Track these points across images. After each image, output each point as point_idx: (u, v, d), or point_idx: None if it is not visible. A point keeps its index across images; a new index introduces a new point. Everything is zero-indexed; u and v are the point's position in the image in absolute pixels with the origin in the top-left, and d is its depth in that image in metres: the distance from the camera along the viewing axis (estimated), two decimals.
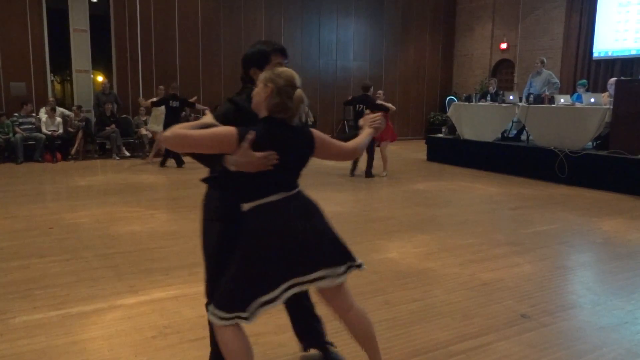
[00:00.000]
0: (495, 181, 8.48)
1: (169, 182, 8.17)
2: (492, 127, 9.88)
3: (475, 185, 8.08)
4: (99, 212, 5.94)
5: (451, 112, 10.88)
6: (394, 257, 4.41)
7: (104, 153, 11.19)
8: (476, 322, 3.13)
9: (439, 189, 7.77)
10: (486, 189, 7.81)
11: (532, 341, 2.89)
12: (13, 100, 10.71)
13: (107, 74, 13.31)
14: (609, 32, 12.37)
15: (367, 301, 3.41)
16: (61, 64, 13.99)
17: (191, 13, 12.57)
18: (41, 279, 3.77)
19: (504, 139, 9.97)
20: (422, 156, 11.30)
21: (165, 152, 9.66)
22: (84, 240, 4.80)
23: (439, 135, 11.59)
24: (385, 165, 8.92)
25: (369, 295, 3.53)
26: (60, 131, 10.53)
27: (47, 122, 10.46)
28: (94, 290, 3.57)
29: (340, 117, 14.65)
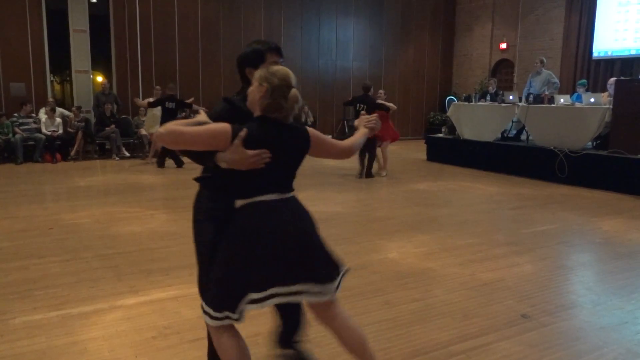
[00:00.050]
0: (495, 181, 8.48)
1: (168, 183, 8.17)
2: (491, 127, 9.88)
3: (475, 185, 8.08)
4: (99, 212, 5.94)
5: (451, 112, 10.89)
6: (394, 257, 4.41)
7: (103, 153, 11.20)
8: (476, 322, 3.13)
9: (438, 189, 7.77)
10: (486, 188, 7.82)
11: (532, 341, 2.89)
12: (13, 101, 10.71)
13: (106, 74, 13.30)
14: (608, 32, 12.38)
15: (367, 301, 3.42)
16: (61, 64, 13.99)
17: (191, 13, 12.57)
18: (41, 280, 3.77)
19: (504, 138, 9.98)
20: (421, 156, 11.30)
21: (162, 152, 9.64)
22: (84, 240, 4.80)
23: (438, 135, 11.60)
24: (385, 165, 8.92)
25: (369, 295, 3.53)
26: (60, 132, 10.53)
27: (47, 122, 10.45)
28: (94, 291, 3.57)
29: (340, 117, 14.66)
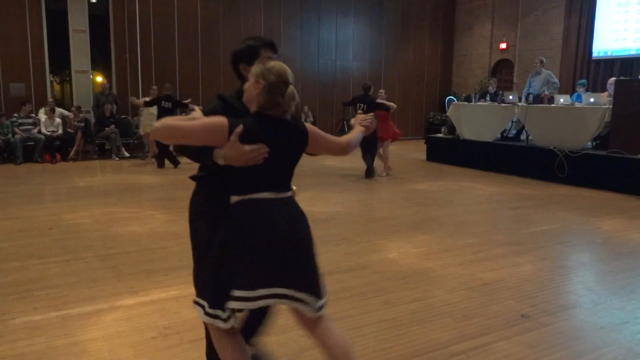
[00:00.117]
0: (495, 181, 8.48)
1: (168, 183, 8.16)
2: (491, 127, 9.88)
3: (475, 185, 8.08)
4: (99, 212, 5.93)
5: (451, 112, 10.89)
6: (394, 257, 4.41)
7: (103, 154, 11.19)
8: (476, 322, 3.13)
9: (438, 189, 7.77)
10: (486, 188, 7.82)
11: (532, 341, 2.89)
12: (12, 101, 10.71)
13: (106, 74, 13.30)
14: (608, 32, 12.39)
15: (367, 301, 3.42)
16: (60, 64, 13.98)
17: (190, 13, 12.57)
18: (41, 280, 3.77)
19: (504, 138, 9.98)
20: (421, 156, 11.30)
21: (161, 152, 9.62)
22: (83, 241, 4.79)
23: (438, 135, 11.60)
24: (386, 164, 8.90)
25: (369, 295, 3.53)
26: (60, 132, 10.52)
27: (47, 122, 10.45)
28: (94, 291, 3.56)
29: (339, 117, 14.66)
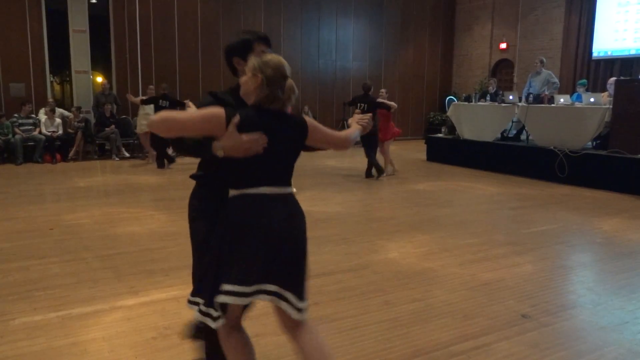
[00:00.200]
0: (495, 181, 8.48)
1: (168, 183, 8.17)
2: (491, 127, 9.88)
3: (475, 185, 8.08)
4: (99, 213, 5.93)
5: (451, 112, 10.88)
6: (394, 257, 4.41)
7: (103, 154, 11.19)
8: (477, 322, 3.13)
9: (438, 189, 7.77)
10: (486, 188, 7.82)
11: (532, 341, 2.88)
12: (12, 101, 10.71)
13: (106, 74, 13.30)
14: (608, 31, 12.39)
15: (367, 301, 3.42)
16: (60, 64, 13.98)
17: (190, 13, 12.57)
18: (41, 280, 3.76)
19: (504, 138, 9.98)
20: (421, 156, 11.30)
21: (159, 152, 9.60)
22: (83, 241, 4.79)
23: (438, 135, 11.60)
24: (386, 163, 8.89)
25: (370, 295, 3.53)
26: (60, 132, 10.52)
27: (47, 123, 10.45)
28: (94, 292, 3.56)
29: (339, 117, 14.65)
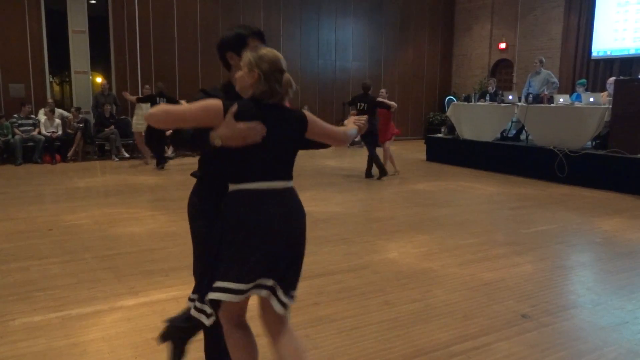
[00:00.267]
0: (495, 181, 8.48)
1: (168, 183, 8.16)
2: (491, 126, 9.88)
3: (475, 185, 8.08)
4: (99, 213, 5.93)
5: (450, 112, 10.89)
6: (394, 257, 4.41)
7: (103, 154, 11.19)
8: (477, 322, 3.13)
9: (438, 189, 7.77)
10: (486, 188, 7.82)
11: (532, 341, 2.88)
12: (12, 102, 10.70)
13: (106, 75, 13.28)
14: (607, 31, 12.39)
15: (367, 301, 3.42)
16: (60, 65, 13.94)
17: (190, 14, 12.56)
18: (41, 281, 3.76)
19: (503, 138, 9.98)
20: (421, 156, 11.30)
21: (158, 153, 9.56)
22: (83, 241, 4.79)
23: (438, 135, 11.61)
24: (386, 162, 8.87)
25: (370, 295, 3.53)
26: (59, 132, 10.52)
27: (46, 123, 10.45)
28: (93, 292, 3.56)
29: (339, 116, 14.64)
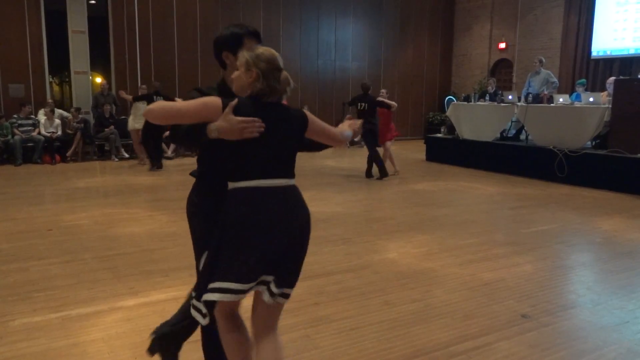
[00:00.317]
0: (495, 181, 8.48)
1: (168, 184, 8.16)
2: (491, 126, 9.88)
3: (475, 185, 8.08)
4: (98, 213, 5.93)
5: (450, 111, 10.89)
6: (394, 257, 4.41)
7: (102, 154, 11.18)
8: (477, 322, 3.13)
9: (438, 189, 7.77)
10: (485, 188, 7.82)
11: (532, 341, 2.88)
12: (12, 102, 10.69)
13: (105, 75, 13.28)
14: (607, 31, 12.39)
15: (367, 301, 3.42)
16: (60, 65, 13.94)
17: (190, 14, 12.56)
18: (40, 281, 3.76)
19: (503, 138, 9.98)
20: (421, 156, 11.30)
21: (152, 154, 9.54)
22: (83, 242, 4.79)
23: (438, 135, 11.61)
24: (392, 164, 8.89)
25: (370, 295, 3.53)
26: (59, 133, 10.52)
27: (46, 123, 10.45)
28: (93, 292, 3.56)
29: (339, 116, 14.63)
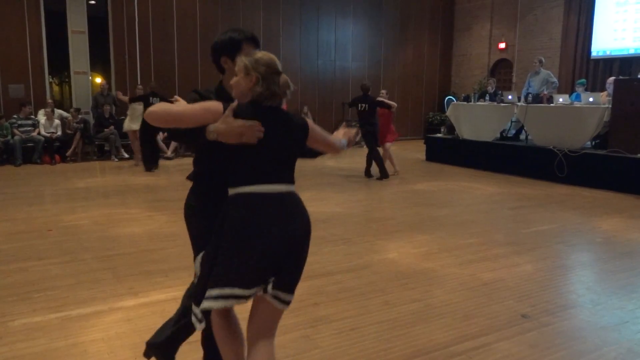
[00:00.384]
0: (494, 181, 8.48)
1: (167, 184, 8.16)
2: (491, 126, 9.88)
3: (475, 185, 8.08)
4: (98, 214, 5.93)
5: (450, 111, 10.89)
6: (394, 257, 4.41)
7: (102, 155, 11.18)
8: (476, 322, 3.12)
9: (438, 189, 7.77)
10: (485, 188, 7.82)
11: (532, 341, 2.88)
12: (11, 102, 10.69)
13: (105, 75, 13.29)
14: (607, 31, 12.39)
15: (367, 301, 3.42)
16: (59, 65, 13.96)
17: (189, 14, 12.56)
18: (40, 282, 3.76)
19: (503, 138, 9.98)
20: (421, 156, 11.30)
21: (148, 156, 9.51)
22: (83, 242, 4.79)
23: (437, 135, 11.61)
24: (392, 164, 8.89)
25: (369, 295, 3.53)
26: (59, 133, 10.52)
27: (46, 124, 10.45)
28: (93, 293, 3.56)
29: (339, 117, 14.64)
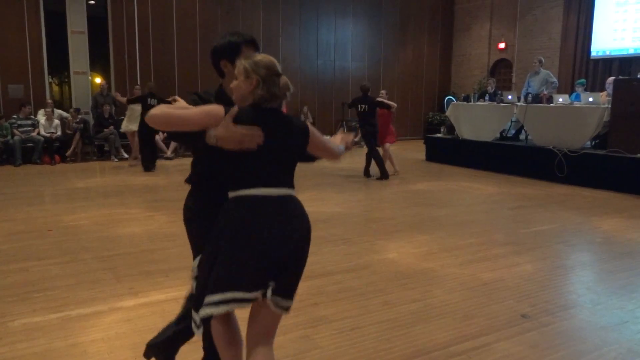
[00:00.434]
0: (494, 181, 8.48)
1: (167, 184, 8.16)
2: (490, 126, 9.88)
3: (474, 185, 8.08)
4: (98, 214, 5.93)
5: (450, 111, 10.89)
6: (394, 257, 4.41)
7: (102, 155, 11.18)
8: (476, 322, 3.13)
9: (438, 189, 7.77)
10: (485, 188, 7.82)
11: (532, 341, 2.88)
12: (11, 103, 10.69)
13: (105, 75, 13.29)
14: (606, 31, 12.39)
15: (367, 301, 3.42)
16: (59, 65, 13.98)
17: (189, 14, 12.56)
18: (40, 282, 3.76)
19: (503, 138, 9.98)
20: (420, 156, 11.30)
21: (151, 154, 9.48)
22: (83, 242, 4.79)
23: (437, 135, 11.61)
24: (392, 164, 8.89)
25: (369, 295, 3.53)
26: (59, 133, 10.52)
27: (45, 124, 10.44)
28: (93, 293, 3.56)
29: (338, 117, 14.65)
